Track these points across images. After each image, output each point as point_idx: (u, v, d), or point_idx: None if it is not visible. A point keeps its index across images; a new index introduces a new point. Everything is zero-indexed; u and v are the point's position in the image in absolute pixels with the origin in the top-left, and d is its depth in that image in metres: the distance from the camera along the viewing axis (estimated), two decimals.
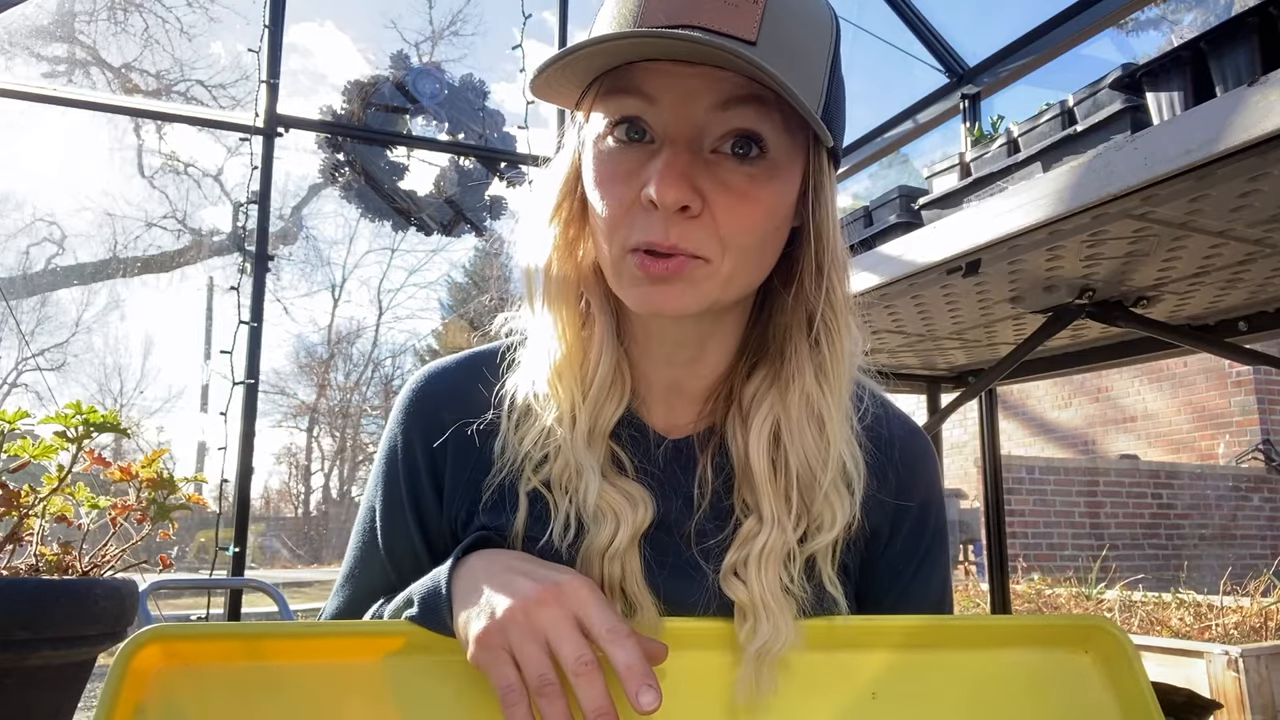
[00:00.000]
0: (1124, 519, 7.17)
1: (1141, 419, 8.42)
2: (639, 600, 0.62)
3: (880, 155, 3.67)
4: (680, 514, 0.66)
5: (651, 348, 0.66)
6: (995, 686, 0.64)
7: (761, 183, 0.57)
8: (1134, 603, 4.74)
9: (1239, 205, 1.12)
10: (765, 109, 0.56)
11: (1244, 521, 7.52)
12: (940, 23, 3.27)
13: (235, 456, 2.81)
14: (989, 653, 0.65)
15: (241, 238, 3.05)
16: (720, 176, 0.56)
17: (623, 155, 0.58)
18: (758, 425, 0.63)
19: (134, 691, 0.57)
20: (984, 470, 2.39)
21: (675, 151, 0.56)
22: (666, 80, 0.55)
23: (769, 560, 0.61)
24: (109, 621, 1.18)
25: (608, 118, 0.58)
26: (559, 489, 0.64)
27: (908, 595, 0.72)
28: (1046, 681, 0.64)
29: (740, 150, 0.56)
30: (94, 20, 7.76)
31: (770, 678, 0.59)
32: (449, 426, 0.68)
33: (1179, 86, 1.12)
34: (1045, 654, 0.65)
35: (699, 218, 0.56)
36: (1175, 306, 1.65)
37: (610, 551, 0.62)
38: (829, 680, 0.62)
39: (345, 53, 18.99)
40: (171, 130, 9.19)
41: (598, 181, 0.59)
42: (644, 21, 0.54)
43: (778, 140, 0.57)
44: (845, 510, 0.64)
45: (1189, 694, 1.33)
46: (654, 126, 0.57)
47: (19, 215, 10.34)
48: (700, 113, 0.56)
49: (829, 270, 0.63)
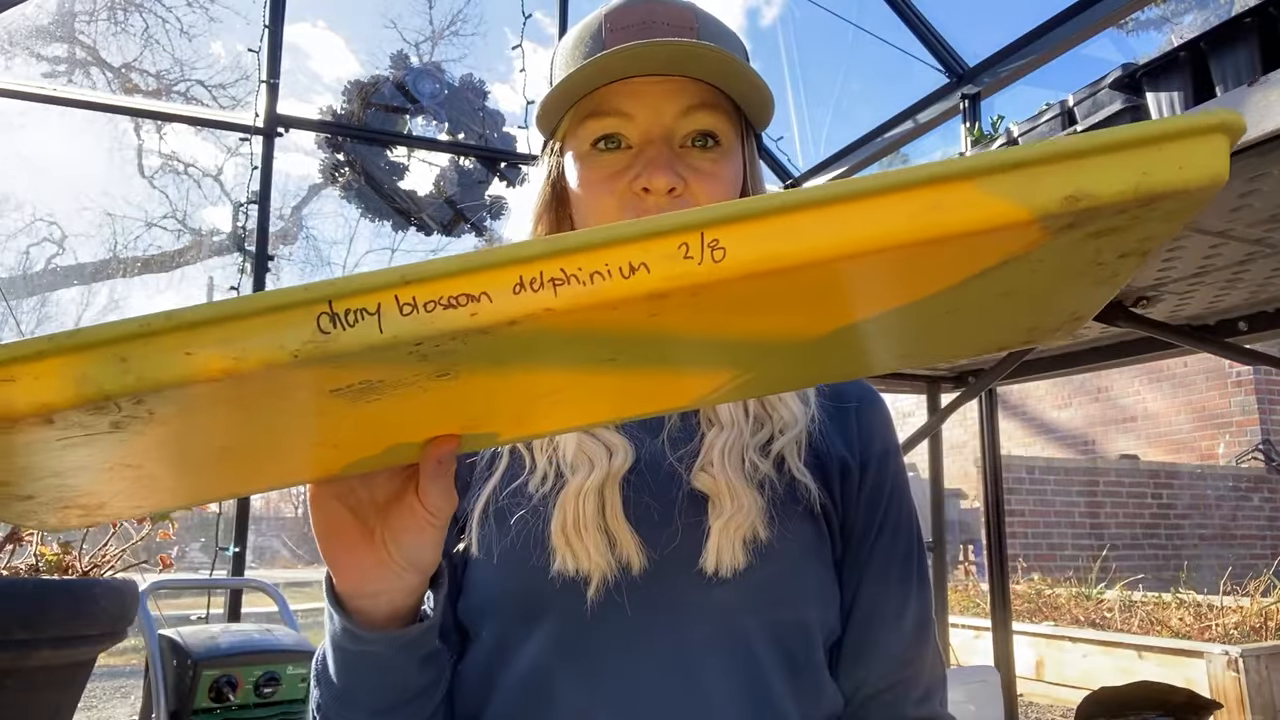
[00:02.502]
0: (1124, 519, 7.18)
1: (1141, 419, 8.42)
2: (617, 535, 0.67)
3: (880, 155, 3.67)
4: (659, 452, 0.74)
5: None
6: None
7: (722, 165, 0.71)
8: (1134, 603, 4.74)
9: (1239, 205, 1.12)
10: (716, 110, 0.70)
11: (1244, 521, 7.53)
12: (940, 23, 3.27)
13: None
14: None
15: (241, 238, 3.05)
16: (691, 164, 0.70)
17: (607, 159, 0.70)
18: None
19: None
20: (984, 470, 2.39)
21: (656, 149, 0.69)
22: (638, 97, 0.69)
23: (730, 454, 0.71)
24: (109, 621, 1.19)
25: (589, 137, 0.70)
26: (540, 451, 0.72)
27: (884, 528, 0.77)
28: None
29: (700, 143, 0.70)
30: (94, 20, 7.76)
31: (735, 551, 0.66)
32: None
33: (1179, 86, 1.12)
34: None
35: (682, 197, 0.69)
36: (1175, 306, 1.65)
37: (584, 489, 0.68)
38: None
39: (344, 53, 18.99)
40: (171, 130, 9.19)
41: (590, 183, 0.71)
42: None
43: (726, 131, 0.71)
44: (803, 412, 0.74)
45: (1189, 694, 1.34)
46: (630, 136, 0.70)
47: (19, 215, 10.34)
48: (669, 118, 0.69)
49: None
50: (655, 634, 0.67)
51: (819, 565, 0.72)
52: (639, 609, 0.66)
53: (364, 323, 0.36)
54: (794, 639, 0.69)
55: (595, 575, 0.65)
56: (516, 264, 0.36)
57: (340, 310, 0.36)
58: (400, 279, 0.36)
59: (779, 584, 0.68)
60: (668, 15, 0.70)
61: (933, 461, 2.58)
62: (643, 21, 0.70)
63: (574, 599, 0.66)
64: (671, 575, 0.67)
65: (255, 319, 0.36)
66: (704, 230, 0.36)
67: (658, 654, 0.66)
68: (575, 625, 0.66)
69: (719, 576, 0.66)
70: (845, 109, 4.30)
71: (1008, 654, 2.30)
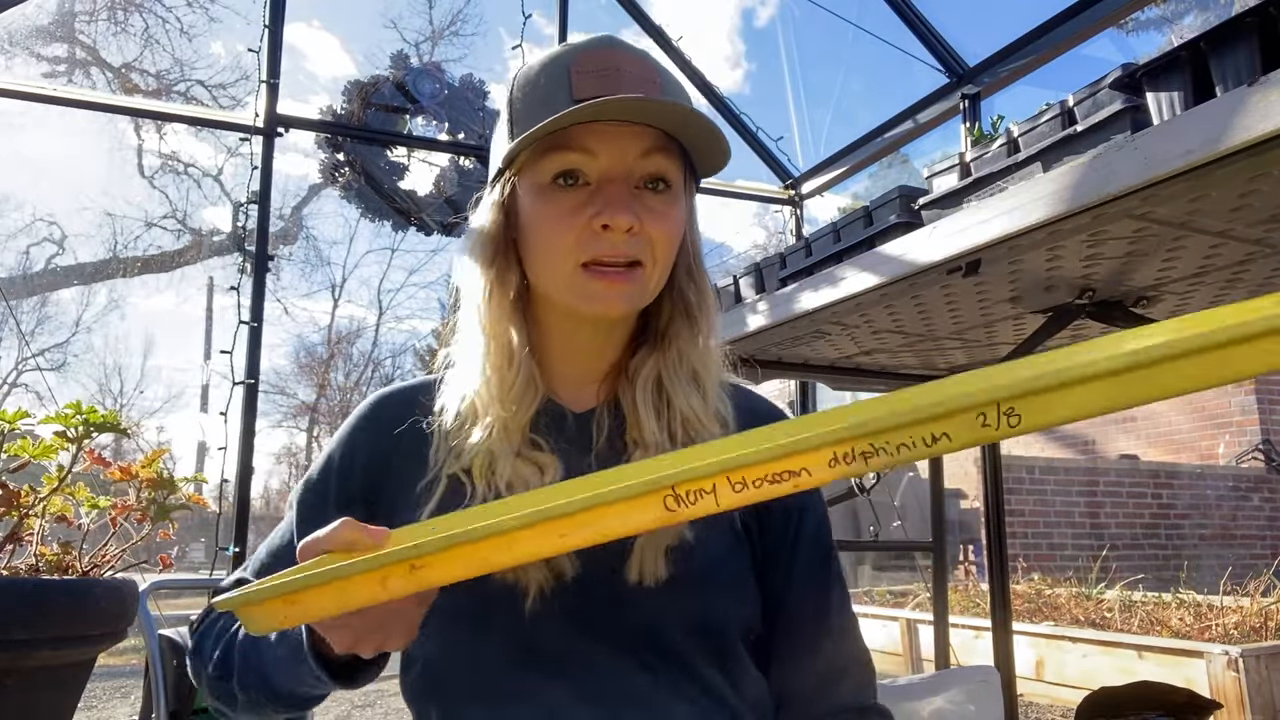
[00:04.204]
0: (1124, 519, 7.17)
1: (1141, 419, 8.42)
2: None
3: (880, 155, 3.67)
4: (588, 470, 0.78)
5: (570, 346, 0.83)
6: None
7: (672, 206, 0.77)
8: (1134, 603, 4.74)
9: (1239, 205, 1.12)
10: (670, 155, 0.76)
11: (1244, 521, 7.52)
12: (940, 23, 3.27)
13: (235, 456, 2.82)
14: None
15: (241, 238, 3.05)
16: (646, 204, 0.75)
17: (565, 196, 0.75)
18: (641, 380, 0.81)
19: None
20: (984, 470, 2.39)
21: (616, 188, 0.74)
22: (604, 138, 0.74)
23: None
24: (109, 621, 1.18)
25: (551, 170, 0.75)
26: (480, 478, 0.76)
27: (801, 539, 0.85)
28: None
29: (652, 186, 0.76)
30: (94, 20, 7.75)
31: (658, 561, 0.73)
32: (394, 442, 0.81)
33: (1179, 86, 1.12)
34: None
35: (638, 235, 0.74)
36: (1175, 306, 1.65)
37: None
38: None
39: (340, 53, 18.99)
40: (171, 130, 9.18)
41: (548, 218, 0.75)
42: (580, 94, 0.73)
43: (675, 176, 0.77)
44: (722, 434, 0.79)
45: (1189, 694, 1.34)
46: (589, 173, 0.75)
47: (19, 215, 10.32)
48: (630, 160, 0.75)
49: (694, 263, 0.84)
50: (591, 638, 0.73)
51: (736, 566, 0.80)
52: (573, 616, 0.73)
53: (702, 501, 0.45)
54: (715, 635, 0.76)
55: (533, 585, 0.72)
56: (831, 445, 0.44)
57: (683, 492, 0.44)
58: (735, 464, 0.44)
59: (699, 587, 0.76)
60: (630, 64, 0.76)
61: (933, 461, 2.58)
62: (608, 67, 0.75)
63: (514, 607, 0.72)
64: (602, 584, 0.74)
65: (619, 505, 0.45)
66: (1002, 403, 0.42)
67: (594, 655, 0.73)
68: (515, 631, 0.73)
69: (643, 584, 0.73)
70: (845, 109, 4.30)
71: (1008, 654, 2.29)
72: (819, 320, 1.72)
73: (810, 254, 1.85)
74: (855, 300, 1.55)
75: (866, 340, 1.99)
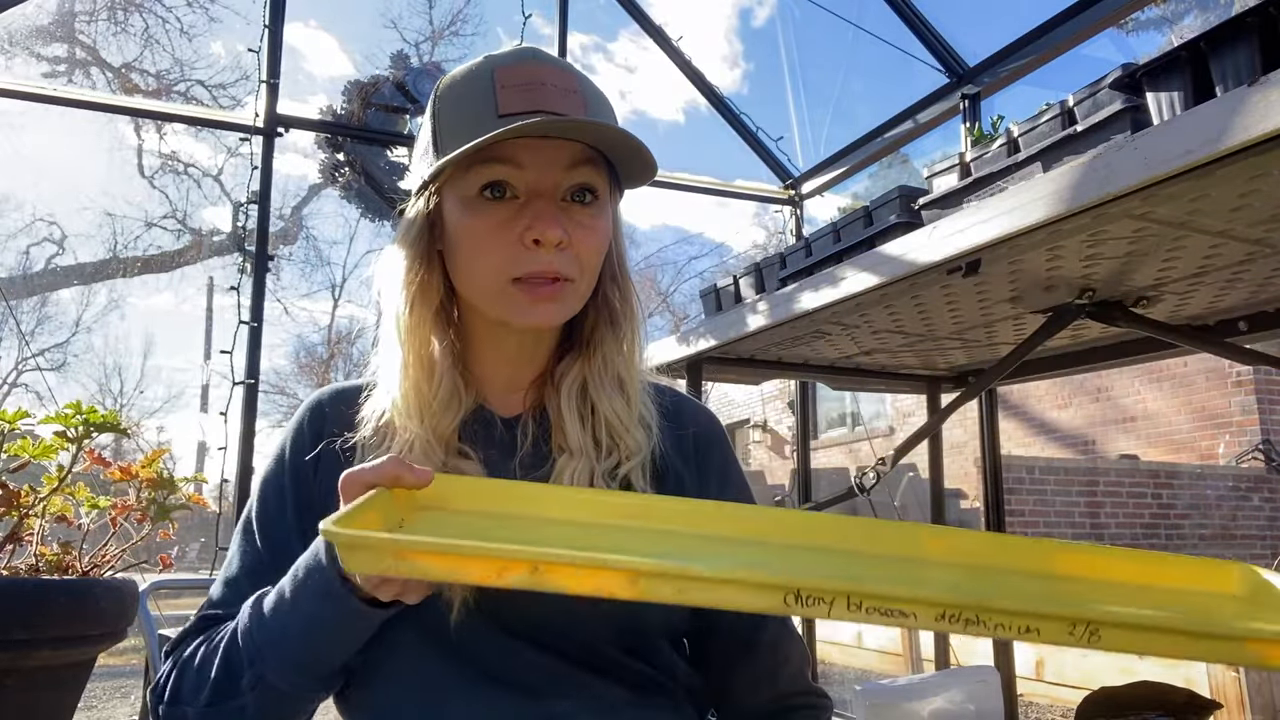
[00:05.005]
0: (1124, 519, 7.17)
1: (1141, 419, 8.42)
2: None
3: (880, 155, 3.67)
4: (511, 476, 0.80)
5: (497, 354, 0.84)
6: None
7: (599, 218, 0.78)
8: None
9: (1239, 205, 1.12)
10: (596, 166, 0.77)
11: (1244, 521, 7.52)
12: (940, 23, 3.27)
13: (235, 456, 2.82)
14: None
15: (241, 238, 3.05)
16: (574, 218, 0.76)
17: (493, 210, 0.75)
18: (566, 385, 0.82)
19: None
20: (984, 470, 2.39)
21: (545, 203, 0.75)
22: (531, 151, 0.74)
23: (579, 479, 0.78)
24: (109, 621, 1.19)
25: (479, 181, 0.75)
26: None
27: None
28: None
29: (579, 198, 0.77)
30: (94, 20, 7.76)
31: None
32: (324, 441, 0.81)
33: (1179, 86, 1.12)
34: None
35: (567, 250, 0.75)
36: (1175, 306, 1.65)
37: None
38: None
39: (338, 53, 18.98)
40: (171, 130, 9.18)
41: (477, 232, 0.75)
42: (505, 109, 0.73)
43: (601, 186, 0.78)
44: (647, 441, 0.82)
45: (1189, 694, 1.33)
46: (517, 185, 0.75)
47: (19, 215, 10.32)
48: (558, 173, 0.75)
49: (619, 271, 0.85)
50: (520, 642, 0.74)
51: None
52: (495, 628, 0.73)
53: (816, 607, 0.49)
54: (637, 635, 0.78)
55: (456, 597, 0.72)
56: (946, 606, 0.48)
57: (805, 595, 0.49)
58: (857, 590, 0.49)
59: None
60: (553, 77, 0.76)
61: (933, 461, 2.58)
62: (531, 81, 0.75)
63: (438, 618, 0.72)
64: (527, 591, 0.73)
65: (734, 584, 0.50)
66: (1092, 623, 0.48)
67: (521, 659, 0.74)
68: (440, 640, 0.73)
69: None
70: (845, 109, 4.29)
71: (1008, 654, 2.30)
72: (819, 320, 1.72)
73: (810, 254, 1.85)
74: (855, 300, 1.55)
75: (866, 340, 1.99)
